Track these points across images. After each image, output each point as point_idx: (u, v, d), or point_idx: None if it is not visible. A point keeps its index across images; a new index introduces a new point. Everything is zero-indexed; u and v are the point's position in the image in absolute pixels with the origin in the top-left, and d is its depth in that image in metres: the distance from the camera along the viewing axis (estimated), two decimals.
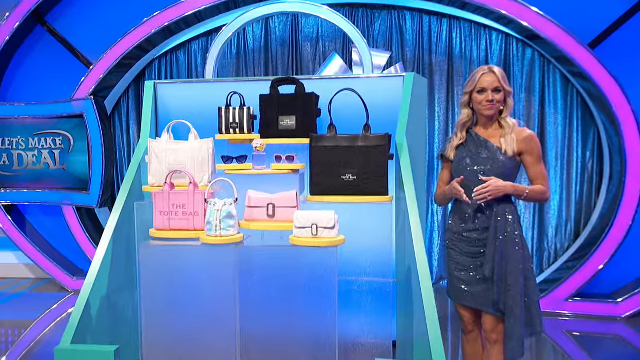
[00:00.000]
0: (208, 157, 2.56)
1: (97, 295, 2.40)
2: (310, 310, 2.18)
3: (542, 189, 2.16)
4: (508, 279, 2.13)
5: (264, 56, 4.49)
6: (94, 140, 4.34)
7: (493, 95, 2.17)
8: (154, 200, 2.38)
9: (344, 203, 2.40)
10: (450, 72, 4.31)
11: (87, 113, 4.31)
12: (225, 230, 2.24)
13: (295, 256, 2.19)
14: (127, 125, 4.70)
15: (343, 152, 2.42)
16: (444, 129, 4.37)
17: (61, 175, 4.47)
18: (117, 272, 2.55)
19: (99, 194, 4.37)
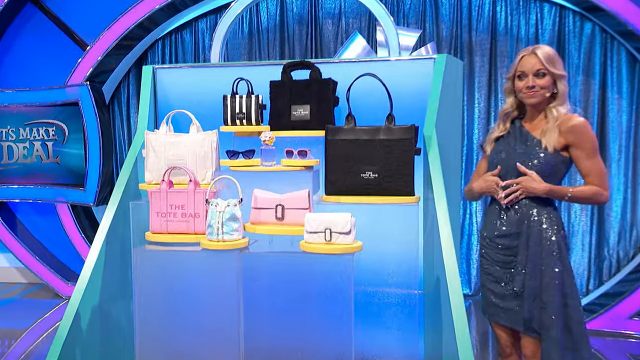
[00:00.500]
0: (211, 152, 2.62)
1: (88, 304, 2.48)
2: (323, 325, 2.22)
3: (593, 190, 2.08)
4: (543, 295, 2.09)
5: (279, 36, 4.53)
6: (90, 131, 4.44)
7: (535, 80, 2.12)
8: (150, 199, 2.45)
9: (363, 204, 2.42)
10: (493, 52, 4.26)
11: (83, 100, 4.42)
12: (229, 234, 2.29)
13: (306, 264, 2.23)
14: (127, 113, 4.81)
15: (363, 146, 2.44)
16: (485, 118, 4.33)
17: (55, 170, 4.59)
18: (111, 278, 2.63)
19: (96, 190, 4.48)
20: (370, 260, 2.47)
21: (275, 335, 2.26)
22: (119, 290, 2.71)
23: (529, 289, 2.12)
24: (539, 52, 2.13)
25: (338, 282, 2.19)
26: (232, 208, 2.30)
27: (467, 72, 4.30)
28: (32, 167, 4.62)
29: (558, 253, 2.10)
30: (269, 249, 2.40)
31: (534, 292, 2.11)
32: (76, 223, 4.56)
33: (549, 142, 2.10)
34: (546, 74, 2.11)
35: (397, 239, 2.45)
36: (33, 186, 4.58)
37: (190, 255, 2.38)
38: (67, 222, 4.58)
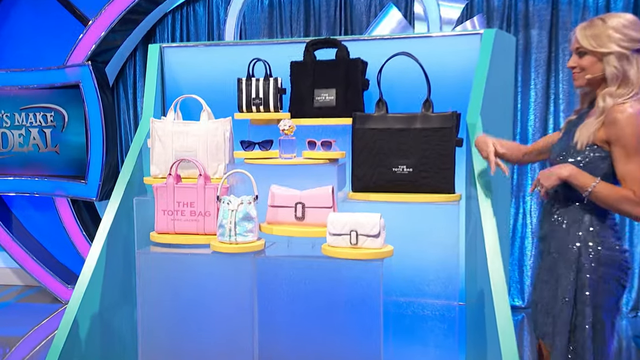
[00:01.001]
0: (224, 142, 2.67)
1: (87, 311, 2.57)
2: (348, 340, 2.26)
3: (623, 195, 1.90)
4: (554, 308, 2.05)
5: (304, 9, 4.55)
6: (92, 117, 4.53)
7: (576, 60, 2.01)
8: (155, 195, 2.52)
9: (395, 203, 2.43)
10: (553, 24, 4.19)
11: (84, 82, 4.51)
12: (242, 235, 2.34)
13: (329, 270, 2.27)
14: (133, 97, 4.91)
15: (396, 137, 2.45)
16: (543, 102, 4.27)
17: (53, 160, 4.71)
18: (112, 283, 2.72)
19: (99, 183, 4.57)
20: (403, 267, 2.48)
21: (294, 350, 2.31)
22: (121, 296, 2.79)
23: (545, 300, 2.10)
24: (579, 27, 2.01)
25: (365, 292, 2.22)
26: (246, 206, 2.35)
27: (522, 49, 4.25)
28: (29, 156, 4.73)
29: (575, 263, 1.99)
30: (287, 252, 2.44)
31: (546, 306, 2.09)
32: (77, 219, 4.66)
33: (580, 138, 1.98)
34: (586, 52, 1.98)
35: (434, 243, 2.46)
36: (29, 178, 4.70)
37: (199, 259, 2.45)
38: (66, 218, 4.68)
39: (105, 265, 2.66)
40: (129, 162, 2.85)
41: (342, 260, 2.23)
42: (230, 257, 2.36)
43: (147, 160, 2.86)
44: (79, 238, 4.69)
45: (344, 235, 2.23)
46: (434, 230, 2.45)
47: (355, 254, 2.21)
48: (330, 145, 2.53)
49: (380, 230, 2.21)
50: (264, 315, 2.36)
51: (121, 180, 2.79)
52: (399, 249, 2.28)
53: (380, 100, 2.50)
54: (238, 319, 2.38)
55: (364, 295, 2.22)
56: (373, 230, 2.20)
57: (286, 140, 2.55)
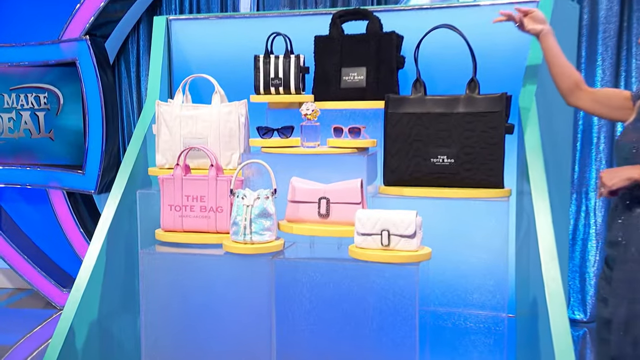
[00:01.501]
0: (238, 128, 2.71)
1: (84, 318, 2.63)
2: (378, 354, 2.28)
3: None
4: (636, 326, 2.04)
5: None
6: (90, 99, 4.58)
7: None
8: (161, 188, 2.57)
9: (434, 199, 2.45)
10: None
11: (81, 59, 4.56)
12: (259, 234, 2.38)
13: (356, 275, 2.29)
14: (136, 77, 4.97)
15: (435, 122, 2.46)
16: (612, 80, 4.21)
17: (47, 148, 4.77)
18: (112, 287, 2.78)
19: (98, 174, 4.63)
20: (442, 273, 2.51)
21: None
22: (122, 301, 2.86)
23: (618, 318, 2.09)
24: None
25: (399, 300, 2.24)
26: (263, 201, 2.38)
27: (587, 19, 4.19)
28: (20, 143, 4.79)
29: None
30: (309, 254, 2.47)
31: (625, 324, 2.07)
32: (73, 214, 4.72)
33: None
34: None
35: (479, 245, 2.47)
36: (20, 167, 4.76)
37: (209, 260, 2.49)
38: (62, 213, 4.74)
39: (104, 266, 2.73)
40: (131, 150, 2.91)
41: (372, 264, 2.25)
42: (245, 258, 2.40)
43: (152, 148, 2.91)
44: (75, 235, 4.75)
45: (374, 235, 2.25)
46: (480, 231, 2.46)
47: (388, 256, 2.23)
48: (359, 132, 2.54)
49: (416, 229, 2.22)
50: (283, 325, 2.39)
51: (123, 170, 2.85)
52: (438, 251, 2.29)
53: (418, 81, 2.51)
54: (253, 329, 2.42)
55: (397, 304, 2.24)
56: (408, 230, 2.22)
57: (309, 126, 2.57)
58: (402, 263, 2.22)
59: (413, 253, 2.23)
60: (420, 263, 2.24)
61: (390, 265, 2.23)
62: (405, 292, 2.23)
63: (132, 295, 2.86)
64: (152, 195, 2.70)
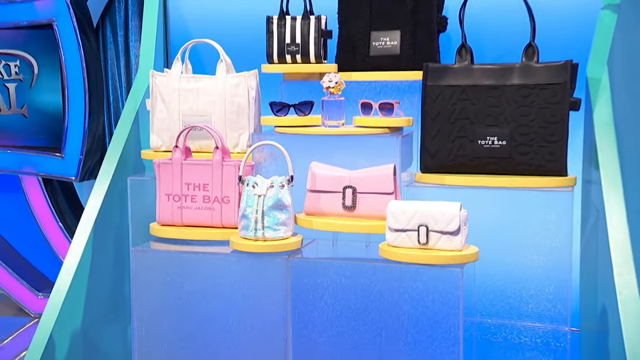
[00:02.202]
0: (248, 104, 2.70)
1: (66, 327, 2.64)
2: None
3: None
4: None
5: None
6: (70, 68, 4.57)
7: None
8: (157, 175, 2.57)
9: (482, 188, 2.43)
10: None
11: (60, 21, 4.54)
12: (272, 229, 2.37)
13: (388, 279, 2.28)
14: (125, 42, 4.96)
15: (485, 97, 2.44)
16: None
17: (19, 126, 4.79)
18: (99, 291, 2.80)
19: (80, 158, 4.62)
20: (492, 277, 2.50)
21: None
22: (110, 308, 2.88)
23: None
24: None
25: (439, 309, 2.23)
26: (277, 190, 2.37)
27: None
28: None
29: None
30: (332, 254, 2.47)
31: None
32: (51, 206, 4.73)
33: None
34: None
35: (536, 244, 2.45)
36: None
37: (214, 260, 2.49)
38: (37, 204, 4.75)
39: (89, 267, 2.74)
40: (121, 129, 2.93)
41: (406, 266, 2.24)
42: (256, 258, 2.40)
43: (145, 127, 2.92)
44: (53, 231, 4.76)
45: (409, 231, 2.24)
46: (537, 227, 2.44)
47: (426, 257, 2.21)
48: (392, 108, 2.53)
49: (460, 225, 2.20)
50: (300, 337, 2.39)
51: (111, 154, 2.87)
52: (486, 251, 2.27)
53: (463, 47, 2.49)
54: (265, 341, 2.42)
55: (437, 313, 2.22)
56: (450, 226, 2.20)
57: (332, 101, 2.56)
58: (443, 265, 2.21)
59: (456, 253, 2.21)
60: (465, 265, 2.22)
61: (429, 268, 2.22)
62: (446, 299, 2.21)
63: (122, 301, 2.87)
64: (146, 182, 2.72)
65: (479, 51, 2.52)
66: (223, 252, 2.48)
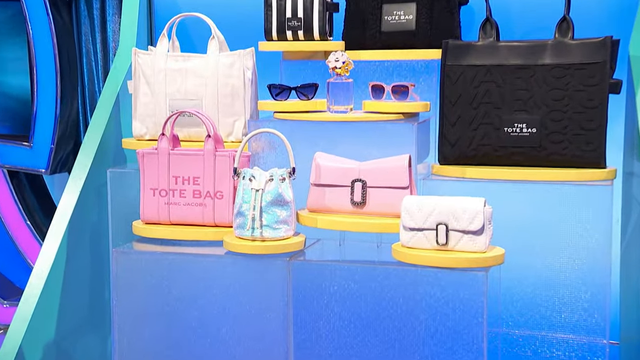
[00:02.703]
0: (243, 87, 2.70)
1: (37, 339, 2.64)
2: None
3: None
4: None
5: None
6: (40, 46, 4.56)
7: None
8: (141, 166, 2.56)
9: (508, 182, 2.43)
10: None
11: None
12: (272, 228, 2.37)
13: (402, 284, 2.28)
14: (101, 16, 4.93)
15: (512, 78, 2.44)
16: None
17: None
18: (75, 299, 2.80)
19: (51, 147, 4.62)
20: (520, 282, 2.50)
21: None
22: (87, 317, 2.87)
23: None
24: None
25: (460, 317, 2.23)
26: (278, 184, 2.37)
27: None
28: None
29: None
30: (339, 255, 2.48)
31: None
32: (18, 202, 4.74)
33: None
34: None
35: (571, 245, 2.45)
36: None
37: (206, 263, 2.49)
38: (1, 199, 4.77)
39: (63, 271, 2.74)
40: (99, 116, 2.93)
41: (423, 269, 2.23)
42: (254, 260, 2.40)
43: (126, 113, 2.91)
44: (21, 231, 4.76)
45: (427, 230, 2.23)
46: (572, 226, 2.44)
47: (445, 259, 2.20)
48: (407, 92, 2.52)
49: (484, 223, 2.19)
50: (303, 348, 2.38)
51: (88, 143, 2.87)
52: (513, 253, 2.28)
53: (488, 21, 2.49)
54: (263, 352, 2.42)
55: (458, 323, 2.22)
56: (473, 224, 2.19)
57: (338, 83, 2.56)
58: (465, 268, 2.20)
59: (480, 255, 2.20)
60: (490, 268, 2.22)
61: (449, 271, 2.21)
62: (469, 307, 2.21)
63: (101, 309, 2.88)
64: (128, 175, 2.72)
65: (506, 26, 2.52)
66: (216, 253, 2.48)
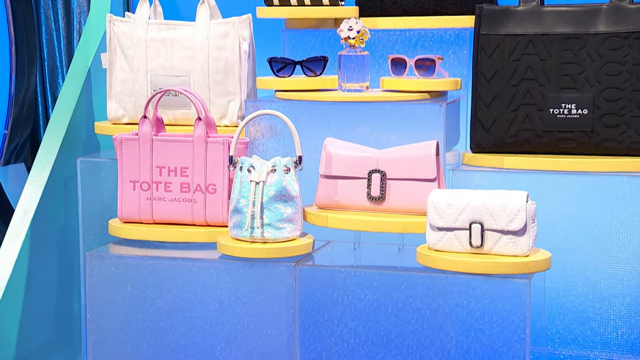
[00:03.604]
0: (239, 60, 2.70)
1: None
2: None
3: None
4: None
5: None
6: None
7: None
8: (119, 155, 2.56)
9: (553, 173, 2.44)
10: None
11: None
12: (275, 227, 2.37)
13: (430, 294, 2.28)
14: None
15: (559, 50, 2.45)
16: None
17: None
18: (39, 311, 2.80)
19: (4, 133, 4.66)
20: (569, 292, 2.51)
21: None
22: (55, 334, 2.87)
23: None
24: None
25: (498, 333, 2.22)
26: (281, 176, 2.37)
27: None
28: None
29: None
30: (354, 260, 2.49)
31: None
32: None
33: None
34: None
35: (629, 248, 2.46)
36: None
37: (197, 269, 2.49)
38: None
39: (25, 281, 2.74)
40: (66, 95, 2.92)
41: (454, 276, 2.24)
42: (253, 265, 2.40)
43: (100, 91, 2.92)
44: None
45: (458, 230, 2.23)
46: (630, 225, 2.44)
47: (481, 264, 2.20)
48: (433, 66, 2.53)
49: (526, 222, 2.19)
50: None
51: (53, 127, 2.86)
52: (561, 258, 2.29)
53: None
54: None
55: (495, 340, 2.22)
56: (514, 223, 2.19)
57: (352, 56, 2.55)
58: (504, 275, 2.20)
59: (522, 259, 2.20)
60: (533, 275, 2.22)
61: (485, 279, 2.22)
62: (508, 321, 2.21)
63: (70, 324, 2.88)
64: (102, 165, 2.73)
65: None
66: (208, 258, 2.49)
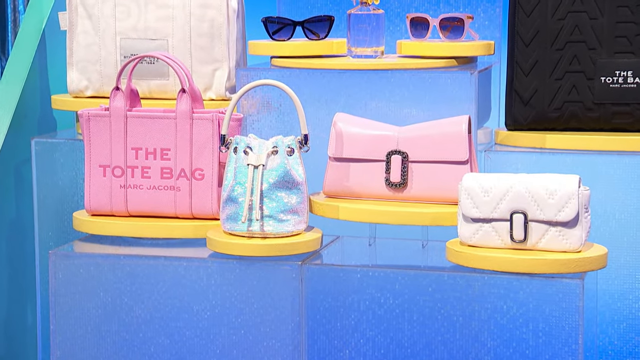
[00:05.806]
0: (227, 21, 2.70)
1: None
2: None
3: None
4: None
5: None
6: None
7: None
8: (86, 135, 2.54)
9: (606, 154, 2.46)
10: None
11: None
12: (277, 220, 2.37)
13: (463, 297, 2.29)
14: None
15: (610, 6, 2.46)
16: None
17: None
18: None
19: None
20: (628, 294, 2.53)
21: None
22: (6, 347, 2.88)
23: None
24: None
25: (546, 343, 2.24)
26: (284, 158, 2.37)
27: None
28: None
29: None
30: (368, 258, 2.50)
31: None
32: None
33: None
34: None
35: None
36: None
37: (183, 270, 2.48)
38: None
39: None
40: (15, 63, 2.91)
41: (491, 276, 2.25)
42: (252, 265, 2.40)
43: (58, 58, 2.91)
44: None
45: (496, 221, 2.24)
46: None
47: (524, 262, 2.20)
48: (461, 27, 2.54)
49: (579, 211, 2.20)
50: None
51: (5, 101, 2.84)
52: (618, 255, 2.31)
53: None
54: None
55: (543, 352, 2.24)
56: (564, 212, 2.20)
57: (364, 16, 2.56)
58: (552, 274, 2.21)
59: (573, 256, 2.21)
60: (586, 274, 2.23)
61: (529, 279, 2.22)
62: (557, 328, 2.23)
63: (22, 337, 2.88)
64: (61, 147, 2.73)
65: None
66: (196, 256, 2.49)
